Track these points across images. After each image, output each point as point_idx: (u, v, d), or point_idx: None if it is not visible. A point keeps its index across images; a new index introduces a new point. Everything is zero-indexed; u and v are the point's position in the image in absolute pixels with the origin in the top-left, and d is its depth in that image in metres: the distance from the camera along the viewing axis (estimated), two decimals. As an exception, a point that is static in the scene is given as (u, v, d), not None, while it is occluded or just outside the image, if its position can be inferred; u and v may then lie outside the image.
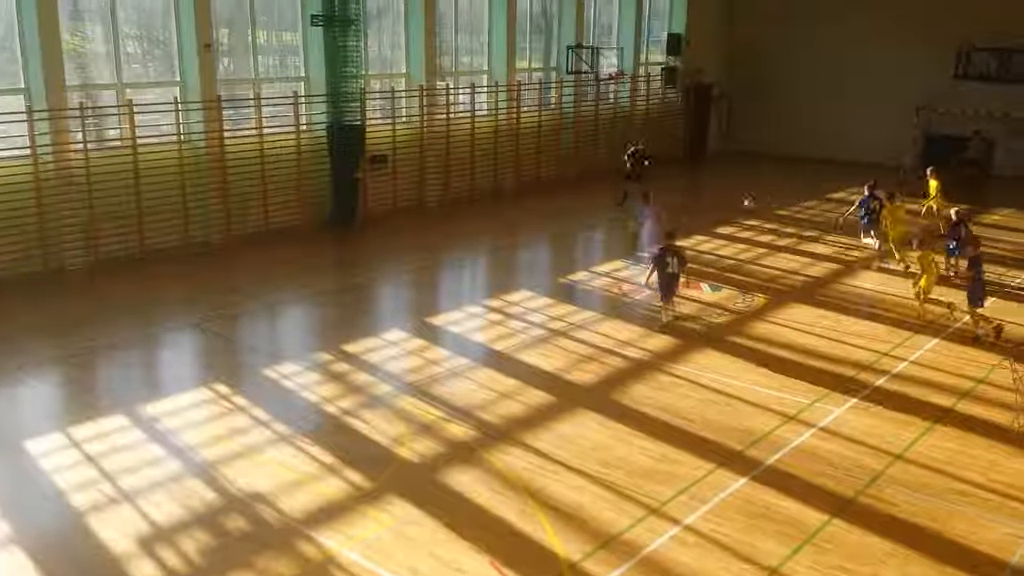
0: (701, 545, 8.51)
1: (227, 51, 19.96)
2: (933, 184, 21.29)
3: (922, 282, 14.92)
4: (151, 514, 8.86)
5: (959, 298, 14.84)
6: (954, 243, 17.18)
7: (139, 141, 17.33)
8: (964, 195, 19.90)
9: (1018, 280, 17.43)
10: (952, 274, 16.63)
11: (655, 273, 14.34)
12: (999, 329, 13.99)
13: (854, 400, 11.80)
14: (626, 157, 23.63)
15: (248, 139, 19.27)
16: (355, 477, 9.62)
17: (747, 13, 32.48)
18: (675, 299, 14.76)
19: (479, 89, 24.47)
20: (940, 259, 15.99)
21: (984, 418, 11.34)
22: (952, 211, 17.70)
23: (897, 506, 9.26)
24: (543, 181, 26.24)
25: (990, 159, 28.45)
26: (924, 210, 21.45)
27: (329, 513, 8.92)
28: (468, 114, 24.02)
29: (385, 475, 9.68)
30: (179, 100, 18.14)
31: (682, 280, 14.71)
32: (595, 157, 27.27)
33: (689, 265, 15.18)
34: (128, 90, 17.75)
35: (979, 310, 14.17)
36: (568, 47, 26.81)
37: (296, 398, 11.71)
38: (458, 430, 10.79)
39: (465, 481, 9.58)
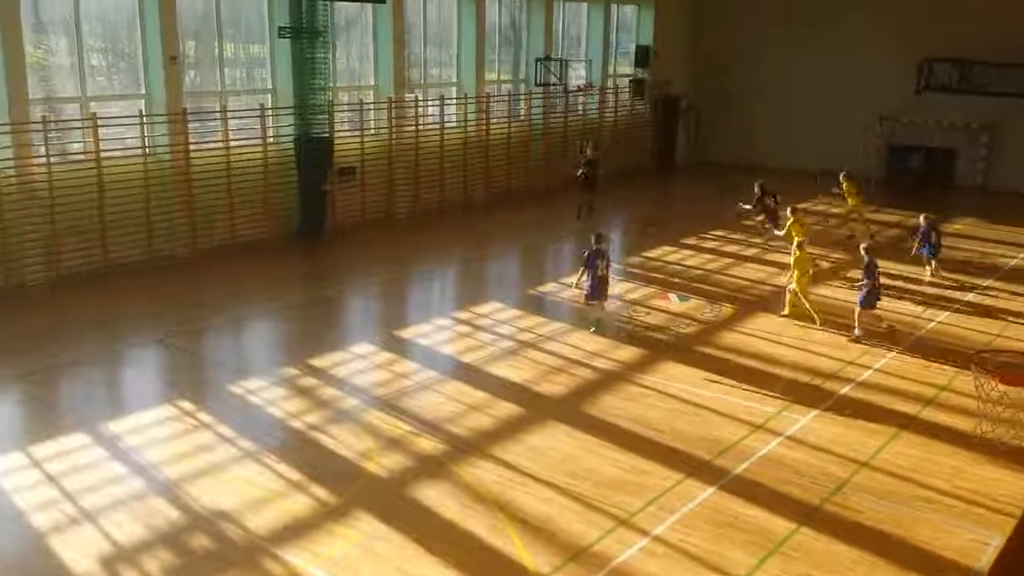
0: (670, 555, 8.52)
1: (193, 63, 19.81)
2: (848, 188, 21.88)
3: (795, 282, 15.33)
4: (113, 534, 8.72)
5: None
6: (928, 246, 18.02)
7: (103, 154, 17.12)
8: (913, 205, 20.51)
9: (978, 288, 17.67)
10: (933, 275, 17.94)
11: (585, 275, 14.60)
12: (891, 329, 14.64)
13: (820, 409, 11.89)
14: (580, 170, 23.57)
15: (214, 152, 19.11)
16: (322, 493, 9.53)
17: (715, 26, 32.74)
18: (607, 300, 15.05)
19: (448, 101, 24.46)
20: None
21: (948, 425, 11.47)
22: (921, 216, 18.40)
23: (863, 513, 9.34)
24: (513, 193, 26.27)
25: (941, 169, 28.75)
26: (856, 215, 22.14)
27: (295, 530, 8.83)
28: (437, 126, 24.00)
29: (352, 490, 9.61)
30: (144, 113, 17.96)
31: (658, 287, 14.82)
32: (565, 168, 27.30)
33: (656, 275, 15.38)
34: (92, 103, 17.55)
35: (872, 311, 14.63)
36: (537, 59, 26.90)
37: (262, 414, 11.60)
38: (427, 444, 10.74)
39: (434, 495, 9.53)
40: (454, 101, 24.82)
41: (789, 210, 18.40)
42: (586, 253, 14.72)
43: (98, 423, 11.05)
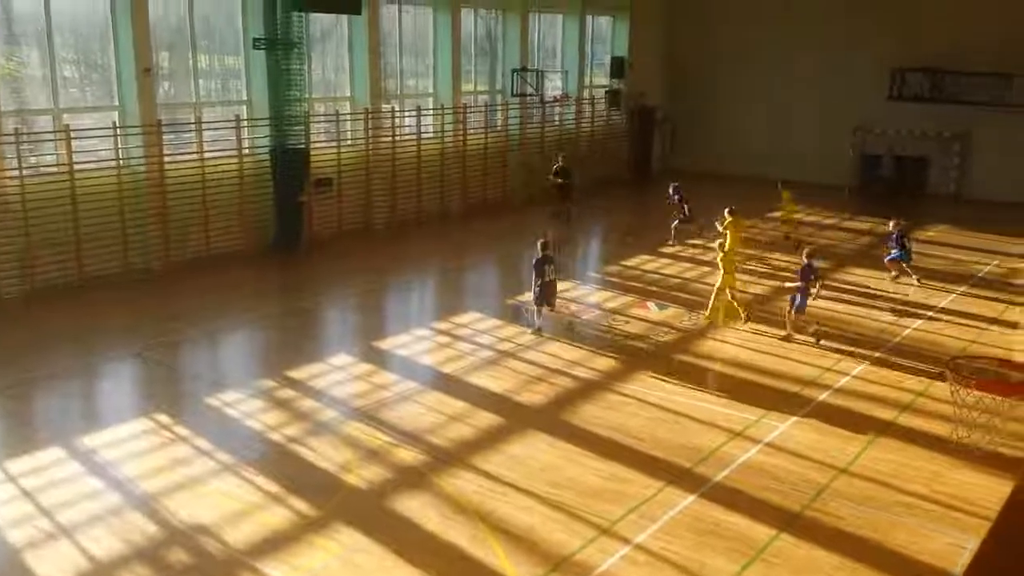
0: (652, 564, 8.53)
1: (167, 75, 19.68)
2: (785, 195, 22.29)
3: (720, 282, 15.65)
4: (90, 549, 8.61)
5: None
6: (899, 251, 18.51)
7: (77, 167, 16.96)
8: (885, 213, 20.90)
9: (953, 295, 17.87)
10: (917, 281, 18.30)
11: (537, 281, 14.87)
12: (818, 335, 14.87)
13: (798, 415, 11.96)
14: (551, 175, 24.04)
15: (189, 164, 18.99)
16: (301, 506, 9.46)
17: (690, 37, 32.98)
18: (556, 305, 15.42)
19: (425, 112, 24.47)
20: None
21: (925, 430, 11.57)
22: (891, 223, 18.80)
23: (843, 519, 9.39)
24: (490, 203, 26.29)
25: (913, 178, 29.05)
26: (783, 221, 22.75)
27: (275, 543, 8.75)
28: (414, 137, 23.99)
29: (332, 503, 9.54)
30: (118, 125, 17.82)
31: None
32: (542, 178, 27.40)
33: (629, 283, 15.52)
34: (65, 115, 17.39)
35: (801, 315, 14.95)
36: (513, 70, 26.98)
37: (240, 426, 11.50)
38: (407, 455, 10.69)
39: (414, 506, 9.49)
40: (431, 112, 24.84)
41: (727, 211, 18.49)
42: (534, 260, 14.90)
43: (74, 437, 10.92)
